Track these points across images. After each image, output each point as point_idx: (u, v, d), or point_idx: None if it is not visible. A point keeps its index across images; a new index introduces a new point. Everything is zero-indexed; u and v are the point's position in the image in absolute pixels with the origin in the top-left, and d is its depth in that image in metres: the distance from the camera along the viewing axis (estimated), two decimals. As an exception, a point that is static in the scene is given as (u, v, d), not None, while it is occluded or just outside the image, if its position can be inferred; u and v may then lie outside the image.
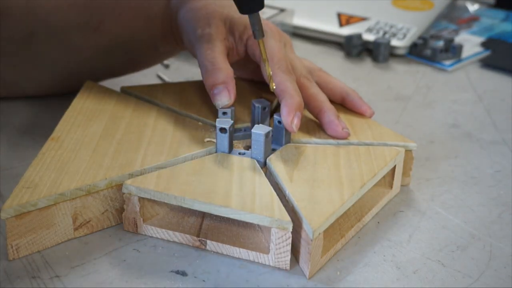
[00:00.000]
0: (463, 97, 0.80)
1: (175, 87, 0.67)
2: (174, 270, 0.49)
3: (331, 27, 0.95)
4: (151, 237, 0.52)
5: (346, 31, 0.94)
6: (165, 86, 0.68)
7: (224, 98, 0.56)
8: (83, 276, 0.48)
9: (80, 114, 0.60)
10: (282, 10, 0.96)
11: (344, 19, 0.98)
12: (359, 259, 0.51)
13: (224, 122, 0.55)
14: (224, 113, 0.57)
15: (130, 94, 0.65)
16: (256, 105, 0.58)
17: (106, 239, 0.52)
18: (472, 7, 1.10)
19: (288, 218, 0.48)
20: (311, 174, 0.53)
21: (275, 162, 0.54)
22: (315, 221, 0.47)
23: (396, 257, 0.51)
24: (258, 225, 0.50)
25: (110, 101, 0.62)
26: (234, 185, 0.51)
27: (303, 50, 0.86)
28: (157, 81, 0.80)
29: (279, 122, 0.56)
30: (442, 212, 0.57)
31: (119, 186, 0.52)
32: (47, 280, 0.47)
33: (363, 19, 0.99)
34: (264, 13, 0.94)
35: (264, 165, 0.55)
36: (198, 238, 0.51)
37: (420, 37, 0.93)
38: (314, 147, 0.57)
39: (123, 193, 0.51)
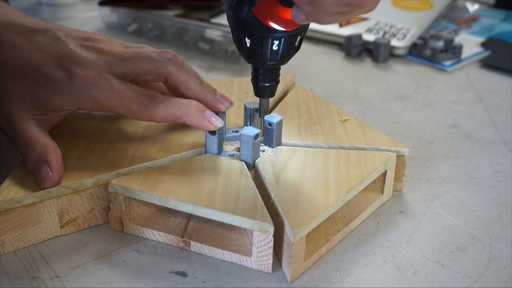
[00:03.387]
0: (463, 97, 0.80)
1: None
2: (174, 271, 0.49)
3: (331, 27, 0.95)
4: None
5: (346, 31, 0.94)
6: None
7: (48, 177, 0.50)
8: (83, 277, 0.48)
9: (74, 113, 0.59)
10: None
11: (344, 19, 0.98)
12: (359, 259, 0.51)
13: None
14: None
15: None
16: (248, 106, 0.58)
17: (106, 239, 0.52)
18: (472, 7, 1.10)
19: (269, 221, 0.47)
20: (298, 177, 0.53)
21: (263, 165, 0.54)
22: (296, 225, 0.47)
23: (396, 258, 0.51)
24: (243, 228, 0.49)
25: None
26: (219, 186, 0.51)
27: (303, 50, 0.86)
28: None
29: (270, 124, 0.56)
30: (442, 212, 0.57)
31: (106, 185, 0.52)
32: (47, 281, 0.47)
33: (363, 19, 0.99)
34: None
35: (253, 167, 0.55)
36: (182, 239, 0.50)
37: (420, 37, 0.93)
38: (304, 150, 0.57)
39: (109, 192, 0.51)
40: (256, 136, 0.54)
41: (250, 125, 0.58)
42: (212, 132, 0.54)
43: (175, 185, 0.51)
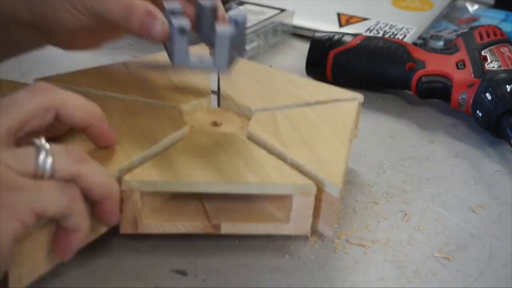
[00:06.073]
0: (463, 97, 0.80)
1: (98, 71, 0.60)
2: (174, 270, 0.49)
3: (331, 27, 0.95)
4: (151, 236, 0.50)
5: (347, 31, 0.94)
6: (86, 72, 0.60)
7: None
8: (83, 276, 0.48)
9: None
10: (282, 10, 0.96)
11: (344, 19, 0.98)
12: (358, 258, 0.51)
13: (180, 19, 0.48)
14: (173, 13, 0.50)
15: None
16: (205, 5, 0.51)
17: (106, 238, 0.51)
18: (472, 8, 1.10)
19: (310, 182, 0.47)
20: (298, 136, 0.53)
21: (258, 132, 0.53)
22: (336, 179, 0.47)
23: (396, 257, 0.51)
24: (262, 197, 0.48)
25: None
26: (237, 160, 0.49)
27: (303, 50, 0.86)
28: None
29: (237, 23, 0.50)
30: (442, 211, 0.57)
31: None
32: (47, 280, 0.47)
33: (363, 19, 0.99)
34: (264, 13, 0.94)
35: (226, 73, 0.52)
36: (211, 224, 0.48)
37: (420, 37, 0.93)
38: (282, 112, 0.57)
39: (122, 191, 0.47)
40: (233, 36, 0.48)
41: (207, 27, 0.52)
42: (182, 32, 0.47)
43: (194, 168, 0.48)
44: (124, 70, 0.62)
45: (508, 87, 0.66)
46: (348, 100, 0.60)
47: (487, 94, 0.67)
